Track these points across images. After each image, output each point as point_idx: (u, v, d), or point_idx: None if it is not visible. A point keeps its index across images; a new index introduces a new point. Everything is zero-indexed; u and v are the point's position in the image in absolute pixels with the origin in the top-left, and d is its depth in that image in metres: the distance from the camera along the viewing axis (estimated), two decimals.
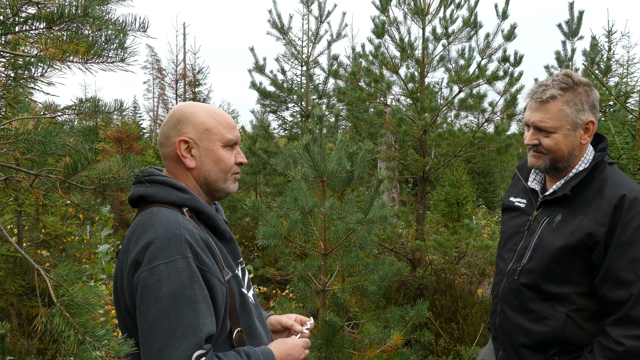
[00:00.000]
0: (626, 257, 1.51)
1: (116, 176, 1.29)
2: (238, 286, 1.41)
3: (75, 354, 1.11)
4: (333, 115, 7.52)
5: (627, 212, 1.53)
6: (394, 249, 6.10)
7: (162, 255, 1.23)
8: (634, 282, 1.49)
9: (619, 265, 1.52)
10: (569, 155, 1.70)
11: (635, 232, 1.51)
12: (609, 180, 1.62)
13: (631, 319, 1.49)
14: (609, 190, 1.59)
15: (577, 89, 1.65)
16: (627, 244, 1.52)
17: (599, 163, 1.67)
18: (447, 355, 4.53)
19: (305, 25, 8.49)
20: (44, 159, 1.41)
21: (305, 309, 3.51)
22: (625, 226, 1.52)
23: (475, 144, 5.97)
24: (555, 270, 1.65)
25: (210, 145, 1.42)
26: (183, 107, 1.45)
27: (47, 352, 4.27)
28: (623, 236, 1.52)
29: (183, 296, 1.21)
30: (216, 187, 1.45)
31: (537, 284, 1.68)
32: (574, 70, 7.32)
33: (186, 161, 1.41)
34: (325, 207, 3.05)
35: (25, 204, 4.92)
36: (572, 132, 1.67)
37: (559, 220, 1.68)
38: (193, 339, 1.19)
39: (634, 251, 1.51)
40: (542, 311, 1.67)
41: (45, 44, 1.20)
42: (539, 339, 1.67)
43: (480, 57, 5.96)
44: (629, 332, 1.49)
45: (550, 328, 1.64)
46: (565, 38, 7.31)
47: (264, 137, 8.75)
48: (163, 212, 1.32)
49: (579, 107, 1.65)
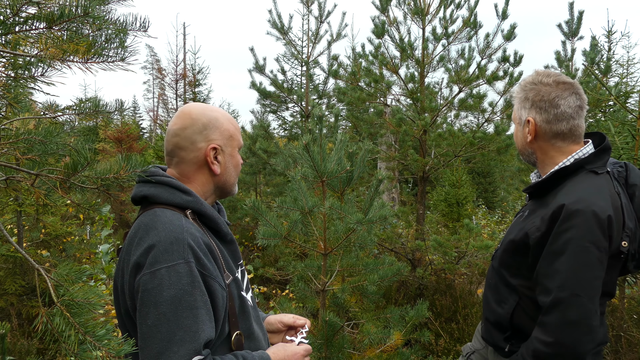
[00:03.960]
0: (552, 267, 1.54)
1: (117, 176, 1.29)
2: (238, 289, 1.41)
3: (76, 354, 1.11)
4: (333, 115, 7.52)
5: (562, 222, 1.52)
6: (394, 249, 6.10)
7: (164, 260, 1.22)
8: (552, 292, 1.52)
9: (544, 272, 1.56)
10: (522, 148, 1.77)
11: (564, 244, 1.51)
12: (567, 187, 1.62)
13: (543, 324, 1.54)
14: (559, 197, 1.60)
15: (529, 87, 1.71)
16: (555, 254, 1.53)
17: (567, 167, 1.65)
18: (447, 355, 4.53)
19: (305, 25, 8.50)
20: (44, 159, 1.40)
21: (305, 309, 3.51)
22: (558, 236, 1.53)
23: (475, 144, 5.98)
24: (508, 261, 1.74)
25: (232, 151, 1.48)
26: (205, 112, 1.44)
27: (47, 352, 4.27)
28: (553, 245, 1.54)
29: (183, 301, 1.21)
30: (229, 190, 1.51)
31: (500, 270, 1.79)
32: (573, 70, 7.33)
33: (214, 167, 1.43)
34: (325, 207, 3.05)
35: (25, 204, 4.93)
36: (520, 127, 1.76)
37: (526, 214, 1.73)
38: (192, 344, 1.19)
39: (559, 262, 1.52)
40: (504, 295, 1.75)
41: (45, 44, 1.20)
42: (497, 318, 1.77)
43: (480, 57, 5.96)
44: (539, 335, 1.55)
45: (504, 311, 1.73)
46: (565, 38, 7.32)
47: (264, 137, 8.75)
48: (166, 214, 1.31)
49: (523, 104, 1.72)
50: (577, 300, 1.49)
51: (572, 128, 1.67)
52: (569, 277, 1.50)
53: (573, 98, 1.66)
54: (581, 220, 1.50)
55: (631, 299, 4.70)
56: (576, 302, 1.49)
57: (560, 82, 1.68)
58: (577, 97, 1.67)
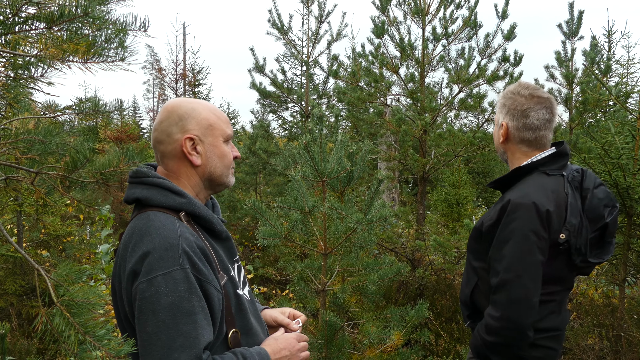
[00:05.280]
0: (500, 252, 1.79)
1: (117, 169, 1.29)
2: (234, 288, 1.40)
3: (76, 354, 1.11)
4: (333, 115, 7.52)
5: (508, 214, 1.78)
6: (394, 249, 6.10)
7: (160, 267, 1.22)
8: (499, 274, 1.78)
9: (494, 257, 1.82)
10: (497, 147, 2.04)
11: (510, 233, 1.77)
12: (519, 185, 1.87)
13: (493, 302, 1.80)
14: (509, 193, 1.87)
15: (509, 96, 1.95)
16: (503, 241, 1.79)
17: (522, 167, 1.89)
18: (447, 355, 4.53)
19: (305, 25, 8.50)
20: (44, 158, 1.40)
21: (305, 309, 3.51)
22: (505, 226, 1.79)
23: (475, 144, 5.98)
24: (473, 246, 1.99)
25: (214, 141, 1.42)
26: (182, 103, 1.42)
27: (47, 352, 4.27)
28: (501, 234, 1.79)
29: (182, 308, 1.21)
30: (219, 182, 1.46)
31: (468, 254, 2.05)
32: (573, 70, 7.34)
33: (192, 158, 1.39)
34: (325, 207, 3.05)
35: (25, 204, 4.93)
36: (497, 128, 2.01)
37: (492, 206, 1.97)
38: (192, 350, 1.19)
39: (506, 248, 1.77)
40: (469, 276, 2.01)
41: (45, 44, 1.20)
42: (464, 298, 2.03)
43: (480, 57, 5.96)
44: (490, 311, 1.81)
45: (467, 291, 2.00)
46: (565, 38, 7.31)
47: (264, 137, 8.75)
48: (160, 218, 1.30)
49: (502, 109, 1.97)
50: (520, 281, 1.74)
51: (537, 137, 1.91)
52: (513, 261, 1.75)
53: (543, 112, 1.89)
54: (523, 212, 1.76)
55: (631, 299, 4.70)
56: (519, 282, 1.74)
57: (535, 96, 1.91)
58: (548, 111, 1.90)
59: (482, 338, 1.85)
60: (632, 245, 3.79)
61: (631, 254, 3.91)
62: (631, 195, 3.51)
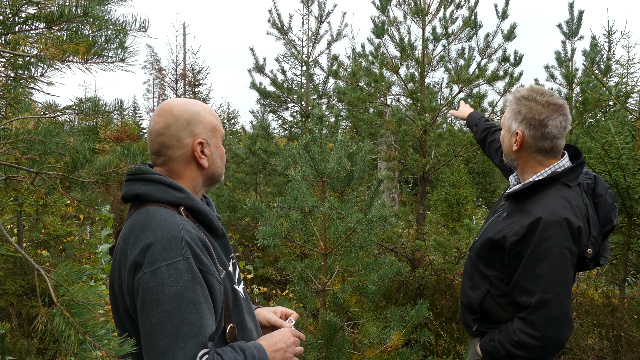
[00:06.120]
0: (534, 271, 1.76)
1: (117, 169, 1.29)
2: (231, 283, 1.43)
3: (76, 354, 1.10)
4: (333, 115, 7.52)
5: (541, 232, 1.75)
6: (394, 249, 6.10)
7: (164, 258, 1.23)
8: (535, 294, 1.76)
9: (527, 276, 1.78)
10: (507, 153, 1.98)
11: (545, 252, 1.75)
12: (543, 200, 1.82)
13: (528, 321, 1.79)
14: (535, 208, 1.81)
15: (523, 102, 1.88)
16: (537, 260, 1.76)
17: (544, 180, 1.85)
18: (447, 355, 4.53)
19: (305, 25, 8.50)
20: (44, 158, 1.40)
21: (305, 309, 3.51)
22: (539, 244, 1.75)
23: (475, 144, 5.97)
24: (485, 255, 1.97)
25: (217, 142, 1.48)
26: (186, 107, 1.43)
27: (47, 352, 4.27)
28: (535, 253, 1.76)
29: (186, 297, 1.22)
30: (217, 180, 1.53)
31: (475, 260, 2.03)
32: (573, 70, 7.34)
33: (202, 161, 1.43)
34: (325, 207, 3.05)
35: (25, 204, 4.93)
36: (508, 134, 1.95)
37: (504, 216, 1.94)
38: (198, 339, 1.21)
39: (540, 268, 1.75)
40: (477, 282, 2.00)
41: (45, 44, 1.20)
42: (469, 302, 2.02)
43: (480, 57, 5.96)
44: (525, 329, 1.79)
45: (476, 297, 1.98)
46: (565, 38, 7.31)
47: (264, 137, 8.74)
48: (160, 212, 1.31)
49: (515, 117, 1.90)
50: (558, 299, 1.74)
51: (554, 146, 1.87)
52: (551, 281, 1.74)
53: (560, 119, 1.85)
54: (557, 231, 1.74)
55: (631, 299, 4.70)
56: (558, 300, 1.74)
57: (552, 104, 1.85)
58: (564, 119, 1.86)
59: (508, 350, 1.83)
60: (632, 245, 3.80)
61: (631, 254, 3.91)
62: (631, 195, 3.51)
